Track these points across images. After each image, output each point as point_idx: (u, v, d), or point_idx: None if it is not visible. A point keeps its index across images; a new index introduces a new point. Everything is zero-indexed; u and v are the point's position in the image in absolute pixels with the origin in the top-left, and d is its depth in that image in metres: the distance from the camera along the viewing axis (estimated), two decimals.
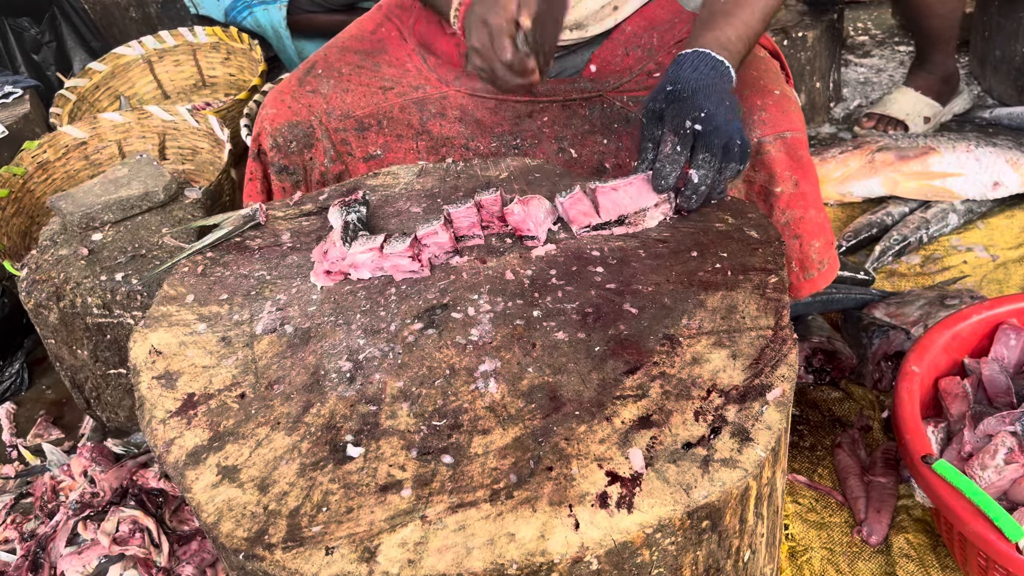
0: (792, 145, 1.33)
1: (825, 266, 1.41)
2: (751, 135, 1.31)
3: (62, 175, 2.29)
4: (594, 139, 1.47)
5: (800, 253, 1.38)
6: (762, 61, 1.43)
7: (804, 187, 1.35)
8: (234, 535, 0.83)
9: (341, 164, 1.53)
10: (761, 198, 1.35)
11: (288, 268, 1.17)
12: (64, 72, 2.88)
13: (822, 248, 1.39)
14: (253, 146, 1.54)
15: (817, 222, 1.38)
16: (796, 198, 1.35)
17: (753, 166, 1.33)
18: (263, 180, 1.57)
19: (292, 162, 1.52)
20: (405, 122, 1.52)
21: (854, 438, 1.56)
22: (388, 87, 1.53)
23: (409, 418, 0.93)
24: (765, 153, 1.32)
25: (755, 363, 0.95)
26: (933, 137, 2.16)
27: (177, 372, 1.02)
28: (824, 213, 1.40)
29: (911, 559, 1.37)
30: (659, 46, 1.47)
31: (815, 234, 1.38)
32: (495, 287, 1.09)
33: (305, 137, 1.51)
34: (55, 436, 1.87)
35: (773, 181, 1.33)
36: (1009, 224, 2.04)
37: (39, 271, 1.67)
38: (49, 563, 1.50)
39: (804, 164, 1.34)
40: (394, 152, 1.53)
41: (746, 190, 1.36)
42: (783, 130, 1.32)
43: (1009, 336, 1.44)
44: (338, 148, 1.51)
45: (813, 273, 1.41)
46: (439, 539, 0.80)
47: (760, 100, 1.33)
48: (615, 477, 0.84)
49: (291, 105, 1.51)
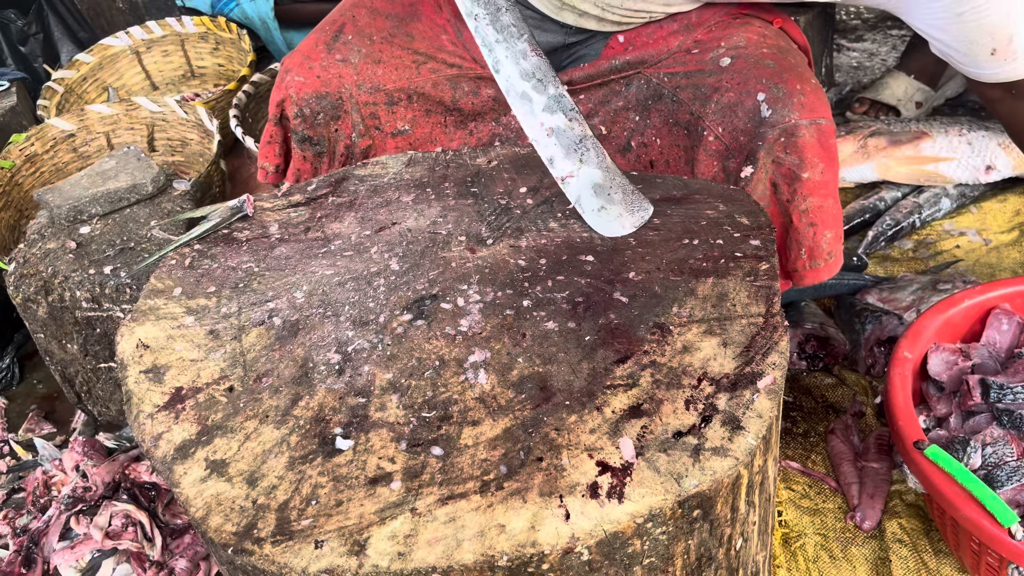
0: (825, 133, 1.33)
1: (832, 258, 1.41)
2: (789, 117, 1.32)
3: (50, 168, 2.27)
4: (626, 115, 1.47)
5: (812, 241, 1.38)
6: (797, 53, 1.43)
7: (828, 176, 1.35)
8: (223, 529, 0.83)
9: (369, 139, 1.49)
10: (786, 181, 1.34)
11: (276, 260, 1.17)
12: (51, 64, 2.86)
13: (833, 239, 1.39)
14: (275, 111, 1.49)
15: (833, 213, 1.38)
16: (820, 186, 1.35)
17: (786, 147, 1.32)
18: (282, 144, 1.53)
19: (317, 133, 1.48)
20: (436, 99, 1.50)
21: (847, 424, 1.56)
22: (422, 62, 1.49)
23: (398, 410, 0.92)
24: (800, 136, 1.32)
25: (746, 351, 0.94)
26: (925, 122, 2.15)
27: (165, 366, 1.02)
28: (839, 206, 1.40)
29: (904, 544, 1.37)
30: (697, 23, 1.45)
31: (829, 224, 1.38)
32: (485, 277, 1.08)
33: (333, 109, 1.47)
34: (46, 431, 1.86)
35: (802, 166, 1.33)
36: (1002, 208, 2.03)
37: (27, 265, 1.66)
38: (42, 558, 1.50)
39: (832, 154, 1.35)
40: (421, 127, 1.50)
41: (773, 170, 1.35)
42: (819, 116, 1.32)
43: (1001, 321, 1.44)
44: (367, 122, 1.48)
45: (820, 263, 1.40)
46: (429, 531, 0.80)
47: (800, 85, 1.34)
48: (605, 467, 0.84)
49: (320, 75, 1.46)
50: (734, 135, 1.36)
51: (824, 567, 1.37)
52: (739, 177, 1.36)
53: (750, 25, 1.44)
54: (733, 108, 1.36)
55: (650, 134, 1.46)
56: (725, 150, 1.37)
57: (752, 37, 1.41)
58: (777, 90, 1.33)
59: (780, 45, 1.42)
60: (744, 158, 1.35)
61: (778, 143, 1.32)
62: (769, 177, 1.35)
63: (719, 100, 1.37)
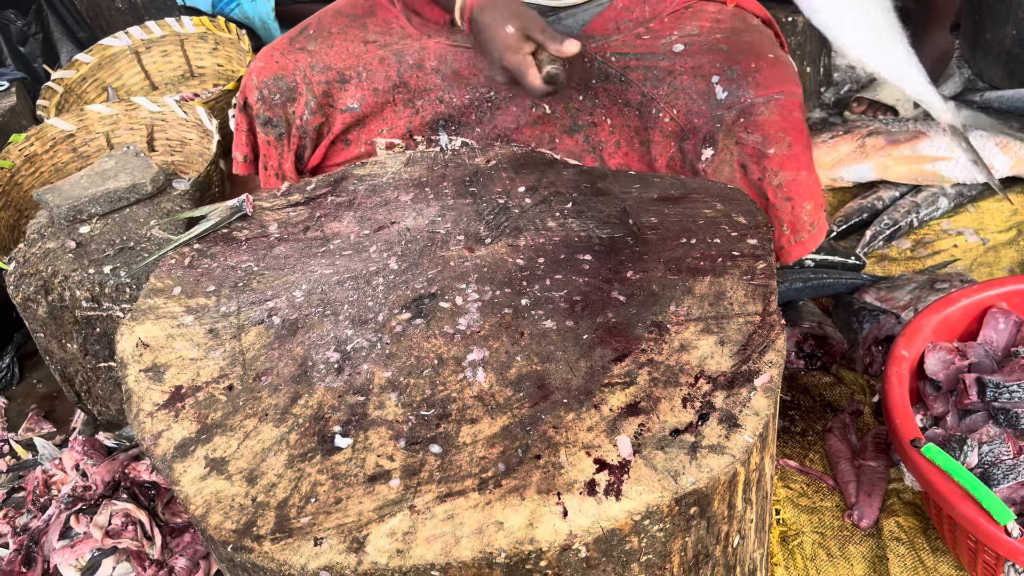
0: (785, 106, 1.33)
1: (815, 228, 1.41)
2: (744, 97, 1.33)
3: (50, 168, 2.28)
4: (568, 94, 1.47)
5: (791, 216, 1.38)
6: (756, 29, 1.44)
7: (797, 148, 1.35)
8: (222, 527, 0.83)
9: (321, 116, 1.56)
10: (753, 160, 1.35)
11: (275, 259, 1.17)
12: (51, 64, 2.85)
13: (813, 210, 1.39)
14: (240, 98, 1.58)
15: (808, 184, 1.38)
16: (789, 159, 1.35)
17: (746, 127, 1.33)
18: (248, 132, 1.61)
19: (276, 114, 1.56)
20: (383, 74, 1.54)
21: (845, 423, 1.56)
22: (371, 40, 1.55)
23: (397, 408, 0.93)
24: (758, 115, 1.32)
25: (743, 349, 0.95)
26: (923, 121, 2.16)
27: (164, 365, 1.02)
28: (815, 175, 1.40)
29: (902, 542, 1.37)
30: (651, 16, 1.47)
31: (806, 196, 1.38)
32: (483, 276, 1.08)
33: (289, 91, 1.54)
34: (46, 430, 1.87)
35: (766, 143, 1.33)
36: (999, 207, 2.04)
37: (27, 265, 1.66)
38: (42, 557, 1.50)
39: (797, 125, 1.35)
40: (370, 105, 1.55)
41: (738, 152, 1.35)
42: (776, 91, 1.33)
43: (998, 320, 1.45)
44: (319, 100, 1.54)
45: (803, 235, 1.40)
46: (428, 529, 0.80)
47: (755, 64, 1.35)
48: (603, 465, 0.84)
49: (279, 60, 1.55)
50: (688, 117, 1.36)
51: (822, 565, 1.37)
52: (698, 159, 1.37)
53: (703, 12, 1.45)
54: (687, 90, 1.37)
55: (599, 113, 1.47)
56: (680, 131, 1.38)
57: (705, 24, 1.43)
58: (731, 72, 1.34)
59: (735, 27, 1.43)
60: (701, 140, 1.36)
61: (737, 124, 1.33)
62: (736, 159, 1.36)
63: (672, 83, 1.38)
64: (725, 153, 1.35)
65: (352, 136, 1.57)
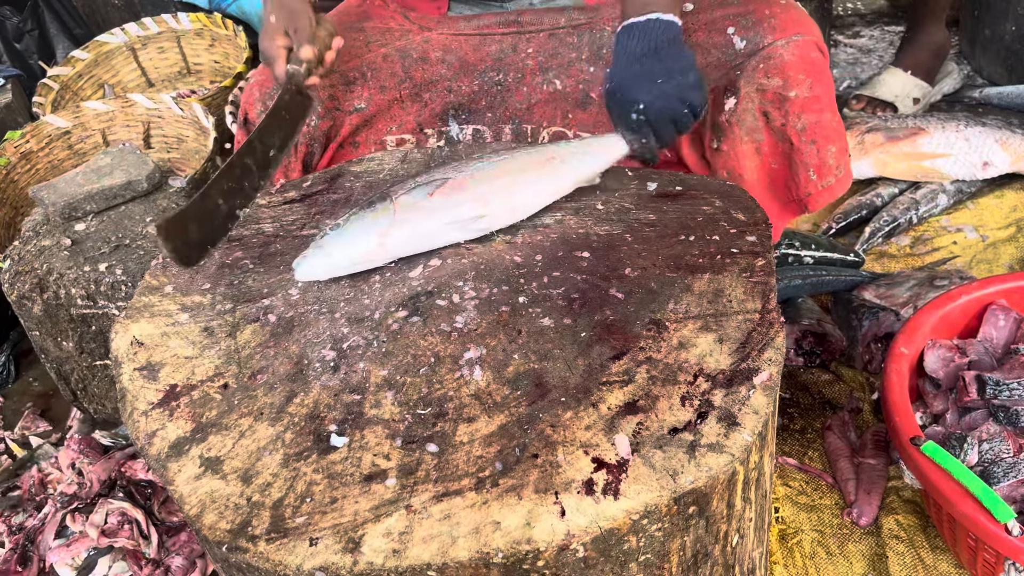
0: (804, 47, 1.33)
1: (842, 171, 1.40)
2: (762, 42, 1.32)
3: (45, 165, 2.27)
4: (580, 68, 1.47)
5: (817, 159, 1.37)
6: None
7: (818, 90, 1.34)
8: (217, 527, 0.82)
9: (329, 120, 1.53)
10: (775, 105, 1.34)
11: (271, 257, 1.16)
12: (47, 61, 2.84)
13: (838, 153, 1.38)
14: (240, 114, 1.55)
15: (832, 126, 1.37)
16: (811, 102, 1.34)
17: (767, 72, 1.32)
18: None
19: None
20: (388, 71, 1.53)
21: (844, 420, 1.56)
22: (372, 41, 1.54)
23: (394, 407, 0.92)
24: (778, 57, 1.32)
25: (742, 347, 0.94)
26: (922, 118, 2.15)
27: (159, 363, 1.01)
28: (839, 118, 1.39)
29: (901, 540, 1.37)
30: None
31: (831, 138, 1.37)
32: (480, 273, 1.08)
33: None
34: (42, 428, 1.86)
35: (787, 86, 1.32)
36: (998, 204, 2.03)
37: (22, 262, 1.65)
38: (38, 556, 1.50)
39: (818, 66, 1.34)
40: (377, 103, 1.53)
41: (759, 99, 1.35)
42: (794, 33, 1.32)
43: (998, 317, 1.44)
44: (325, 105, 1.52)
45: (831, 179, 1.39)
46: (424, 528, 0.80)
47: (768, 10, 1.34)
48: (601, 463, 0.83)
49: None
50: (706, 72, 1.35)
51: (821, 563, 1.37)
52: (720, 111, 1.36)
53: None
54: (703, 46, 1.37)
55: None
56: None
57: None
58: (746, 20, 1.34)
59: None
60: (723, 91, 1.36)
61: (758, 70, 1.32)
62: (757, 107, 1.35)
63: (687, 41, 1.36)
64: (747, 102, 1.34)
65: (360, 138, 1.55)
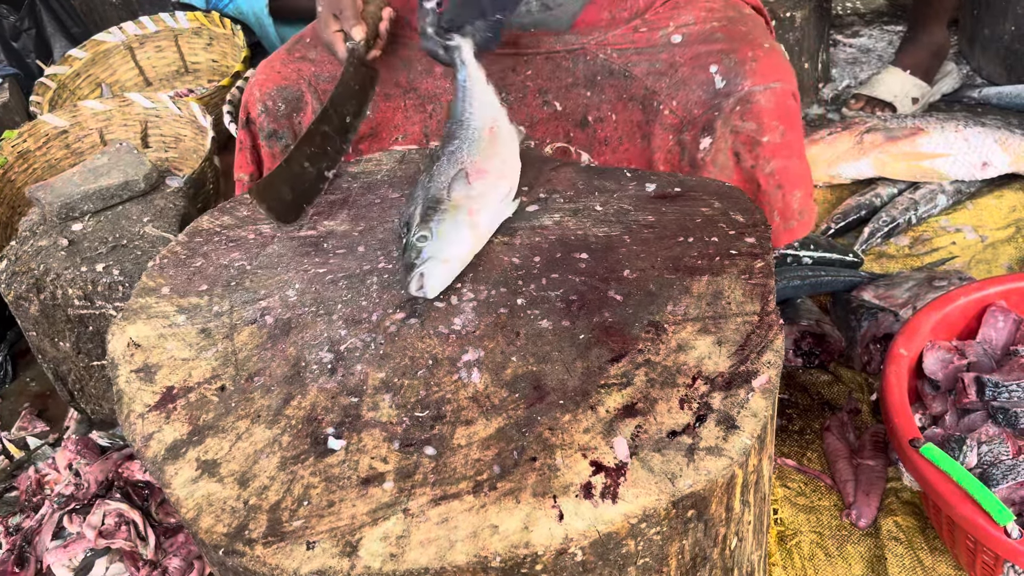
0: (781, 95, 1.36)
1: (805, 216, 1.45)
2: (742, 85, 1.35)
3: (43, 164, 2.26)
4: (577, 92, 1.49)
5: (782, 203, 1.41)
6: (750, 17, 1.47)
7: (790, 136, 1.38)
8: (214, 530, 0.82)
9: None
10: (747, 148, 1.38)
11: (268, 258, 1.16)
12: (44, 60, 2.84)
13: (803, 198, 1.43)
14: (242, 114, 1.55)
15: (799, 172, 1.42)
16: (782, 148, 1.38)
17: (742, 116, 1.36)
18: (252, 150, 1.57)
19: (281, 126, 1.53)
20: (393, 80, 1.53)
21: (843, 421, 1.56)
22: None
23: (391, 409, 0.92)
24: (755, 103, 1.35)
25: (741, 349, 0.94)
26: (922, 118, 2.15)
27: (156, 365, 1.01)
28: (806, 163, 1.44)
29: (900, 542, 1.37)
30: (645, 6, 1.48)
31: (797, 184, 1.41)
32: (478, 275, 1.07)
33: (294, 100, 1.52)
34: (39, 429, 1.85)
35: (761, 131, 1.36)
36: (998, 204, 2.03)
37: (19, 262, 1.65)
38: (35, 557, 1.49)
39: (792, 114, 1.38)
40: (381, 111, 1.53)
41: (733, 140, 1.38)
42: (773, 80, 1.35)
43: (997, 318, 1.44)
44: None
45: (793, 223, 1.45)
46: (422, 532, 0.79)
47: (751, 52, 1.37)
48: (599, 467, 0.83)
49: (280, 70, 1.53)
50: (687, 108, 1.39)
51: (820, 565, 1.37)
52: (697, 148, 1.39)
53: (696, 1, 1.47)
54: (687, 82, 1.39)
55: (605, 109, 1.49)
56: (680, 123, 1.40)
57: (699, 14, 1.45)
58: (729, 60, 1.36)
59: (729, 15, 1.45)
60: (700, 130, 1.39)
61: (734, 112, 1.35)
62: (730, 148, 1.38)
63: (674, 76, 1.41)
64: (721, 141, 1.38)
65: (364, 147, 1.55)
